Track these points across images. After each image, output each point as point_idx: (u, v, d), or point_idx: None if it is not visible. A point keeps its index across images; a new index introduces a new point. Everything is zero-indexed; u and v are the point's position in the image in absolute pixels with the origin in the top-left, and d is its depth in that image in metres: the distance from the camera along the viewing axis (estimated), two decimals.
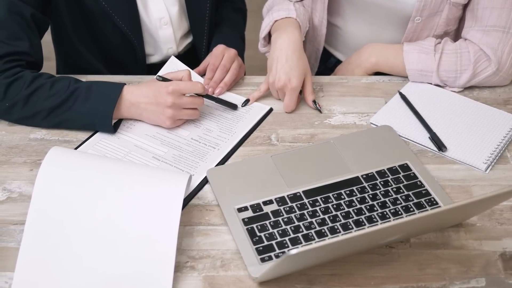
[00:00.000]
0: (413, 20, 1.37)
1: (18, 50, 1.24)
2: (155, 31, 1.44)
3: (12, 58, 1.23)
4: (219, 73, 1.33)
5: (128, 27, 1.38)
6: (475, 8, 1.33)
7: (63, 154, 1.03)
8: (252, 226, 1.04)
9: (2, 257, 1.00)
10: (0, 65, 1.21)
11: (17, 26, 1.24)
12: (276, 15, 1.39)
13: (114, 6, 1.34)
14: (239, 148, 1.21)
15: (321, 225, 1.04)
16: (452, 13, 1.37)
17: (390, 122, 1.26)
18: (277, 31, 1.36)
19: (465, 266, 1.00)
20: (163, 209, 0.98)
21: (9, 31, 1.23)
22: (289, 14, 1.38)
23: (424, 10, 1.35)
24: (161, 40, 1.45)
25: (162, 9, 1.42)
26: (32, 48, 1.26)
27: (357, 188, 1.11)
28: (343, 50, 1.58)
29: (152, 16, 1.41)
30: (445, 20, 1.37)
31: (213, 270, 0.99)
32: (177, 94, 1.19)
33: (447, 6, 1.35)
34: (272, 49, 1.33)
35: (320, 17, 1.48)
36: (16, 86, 1.20)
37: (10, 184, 1.13)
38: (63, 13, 1.37)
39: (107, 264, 0.95)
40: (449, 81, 1.34)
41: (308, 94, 1.31)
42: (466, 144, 1.22)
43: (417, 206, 1.08)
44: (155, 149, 1.20)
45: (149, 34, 1.44)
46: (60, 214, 0.97)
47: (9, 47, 1.23)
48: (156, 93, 1.20)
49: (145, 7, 1.40)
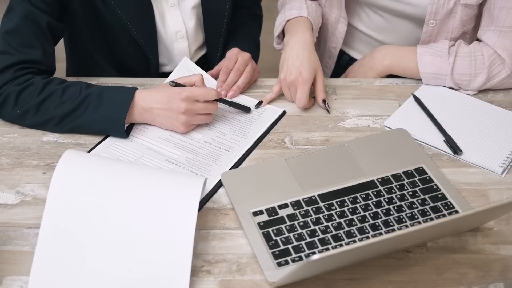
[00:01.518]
0: (427, 24, 1.36)
1: (31, 58, 1.23)
2: (170, 44, 1.43)
3: (24, 66, 1.22)
4: (232, 76, 1.32)
5: (144, 40, 1.37)
6: (491, 8, 1.32)
7: (78, 157, 1.03)
8: (268, 230, 1.03)
9: (17, 261, 1.00)
10: (11, 73, 1.21)
11: (31, 34, 1.23)
12: (288, 14, 1.41)
13: (132, 18, 1.33)
14: (253, 151, 1.21)
15: (337, 229, 1.04)
16: (466, 14, 1.36)
17: (404, 125, 1.25)
18: (289, 32, 1.38)
19: (483, 270, 1.00)
20: (179, 213, 0.97)
21: (22, 38, 1.23)
22: (301, 13, 1.39)
23: (437, 14, 1.34)
24: (176, 53, 1.44)
25: (179, 22, 1.40)
26: (45, 56, 1.25)
27: (372, 191, 1.10)
28: (359, 48, 1.58)
29: (168, 29, 1.40)
30: (459, 22, 1.36)
31: (229, 275, 0.98)
32: (191, 100, 1.19)
33: (459, 7, 1.34)
34: (284, 50, 1.34)
35: (337, 15, 1.48)
36: (27, 93, 1.20)
37: (24, 188, 1.12)
38: (80, 22, 1.36)
39: (123, 269, 0.95)
40: (463, 84, 1.33)
41: (319, 92, 1.30)
42: (482, 147, 1.21)
43: (434, 210, 1.07)
44: (168, 152, 1.19)
45: (164, 46, 1.43)
46: (75, 218, 0.97)
47: (21, 55, 1.22)
48: (170, 99, 1.19)
49: (162, 20, 1.39)
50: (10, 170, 1.15)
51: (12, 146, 1.20)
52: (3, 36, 1.23)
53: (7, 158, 1.18)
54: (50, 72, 1.29)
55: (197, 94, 1.19)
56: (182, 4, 1.40)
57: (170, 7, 1.38)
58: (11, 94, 1.20)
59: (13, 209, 1.08)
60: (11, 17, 1.24)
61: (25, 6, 1.23)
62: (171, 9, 1.39)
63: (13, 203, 1.09)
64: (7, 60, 1.21)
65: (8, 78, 1.20)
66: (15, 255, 1.01)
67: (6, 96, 1.20)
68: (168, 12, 1.39)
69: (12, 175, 1.14)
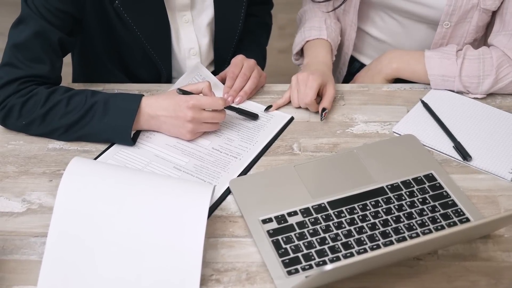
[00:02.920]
0: (441, 25, 1.36)
1: (38, 73, 1.21)
2: (183, 61, 1.41)
3: (29, 80, 1.21)
4: (239, 82, 1.31)
5: (159, 57, 1.36)
6: (504, 13, 1.32)
7: (85, 165, 1.02)
8: (277, 238, 1.02)
9: (24, 271, 0.99)
10: (15, 86, 1.19)
11: (41, 49, 1.21)
12: (307, 35, 1.44)
13: (148, 36, 1.31)
14: (261, 158, 1.20)
15: (347, 236, 1.03)
16: (482, 20, 1.36)
17: (413, 131, 1.24)
18: (308, 55, 1.42)
19: (494, 278, 0.99)
20: (189, 221, 0.96)
21: (31, 53, 1.21)
22: (321, 35, 1.43)
23: (453, 15, 1.34)
24: (188, 70, 1.42)
25: (193, 39, 1.39)
26: (52, 71, 1.23)
27: (382, 198, 1.09)
28: (370, 53, 1.57)
29: (182, 46, 1.39)
30: (474, 27, 1.36)
31: (239, 284, 0.97)
32: (197, 109, 1.18)
33: (476, 13, 1.34)
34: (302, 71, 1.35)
35: (350, 21, 1.48)
36: (31, 104, 1.18)
37: (30, 195, 1.11)
38: (94, 36, 1.34)
39: (132, 277, 0.94)
40: (471, 87, 1.32)
41: (325, 100, 1.29)
42: (491, 153, 1.20)
43: (444, 217, 1.06)
44: (176, 159, 1.18)
45: (177, 63, 1.42)
46: (83, 226, 0.96)
47: (28, 69, 1.20)
48: (176, 107, 1.18)
49: (177, 37, 1.38)
50: (16, 178, 1.15)
51: (17, 153, 1.19)
52: (10, 48, 1.21)
53: (12, 165, 1.17)
54: (55, 84, 1.26)
55: (204, 103, 1.18)
56: (197, 20, 1.39)
57: (184, 23, 1.37)
58: (15, 106, 1.18)
59: (20, 217, 1.07)
60: (22, 29, 1.21)
61: (38, 21, 1.20)
62: (185, 26, 1.38)
63: (19, 211, 1.08)
64: (14, 74, 1.20)
65: (12, 91, 1.19)
66: (22, 264, 1.00)
67: (10, 108, 1.19)
68: (182, 29, 1.38)
69: (18, 183, 1.14)
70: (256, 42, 1.53)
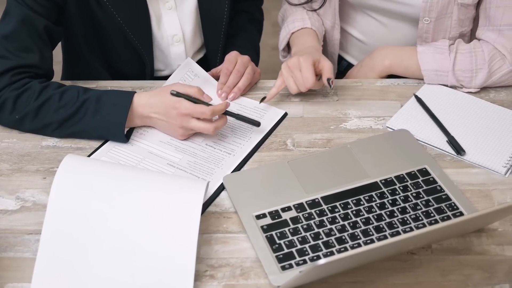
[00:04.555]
0: (422, 21, 1.36)
1: (28, 63, 1.22)
2: (166, 47, 1.41)
3: (21, 71, 1.21)
4: (233, 78, 1.31)
5: (140, 42, 1.36)
6: (487, 8, 1.32)
7: (78, 162, 1.02)
8: (271, 233, 1.02)
9: (18, 268, 0.99)
10: (8, 77, 1.20)
11: (28, 38, 1.22)
12: (292, 27, 1.42)
13: (127, 20, 1.31)
14: (255, 154, 1.20)
15: (341, 231, 1.03)
16: (463, 14, 1.36)
17: (407, 125, 1.24)
18: (295, 44, 1.40)
19: (488, 272, 0.99)
20: (182, 217, 0.96)
21: (20, 43, 1.21)
22: (304, 24, 1.41)
23: (431, 11, 1.34)
24: (172, 57, 1.43)
25: (176, 26, 1.39)
26: (42, 60, 1.24)
27: (376, 193, 1.09)
28: (354, 54, 1.57)
29: (164, 32, 1.39)
30: (457, 21, 1.36)
31: (233, 279, 0.97)
32: (187, 118, 1.17)
33: (456, 7, 1.34)
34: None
35: (331, 22, 1.48)
36: (24, 98, 1.18)
37: (24, 193, 1.11)
38: (75, 25, 1.34)
39: (125, 274, 0.94)
40: (465, 81, 1.32)
41: (325, 72, 1.27)
42: (485, 147, 1.20)
43: (438, 212, 1.07)
44: (169, 156, 1.18)
45: (160, 50, 1.42)
46: (76, 223, 0.96)
47: (19, 59, 1.21)
48: (168, 111, 1.18)
49: (159, 23, 1.37)
50: (10, 176, 1.14)
51: (11, 151, 1.19)
52: (0, 40, 1.22)
53: (6, 163, 1.17)
54: (48, 76, 1.27)
55: (191, 111, 1.17)
56: (180, 7, 1.39)
57: (167, 10, 1.37)
58: (8, 99, 1.19)
59: (13, 215, 1.07)
60: (8, 21, 1.22)
61: (22, 10, 1.21)
62: (169, 12, 1.38)
63: (13, 209, 1.08)
64: (4, 65, 1.20)
65: (5, 83, 1.19)
66: (16, 261, 1.00)
67: (4, 101, 1.19)
68: (165, 15, 1.38)
69: (12, 181, 1.13)
70: (249, 38, 1.52)
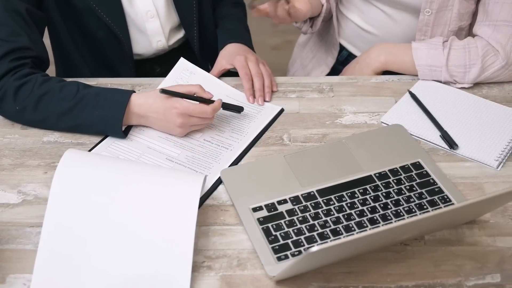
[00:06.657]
0: (423, 12, 1.39)
1: (20, 45, 1.25)
2: (142, 24, 1.43)
3: (17, 56, 1.24)
4: (258, 81, 1.33)
5: (113, 21, 1.38)
6: (486, 3, 1.34)
7: (79, 156, 1.04)
8: (268, 225, 1.05)
9: (20, 259, 1.01)
10: (6, 63, 1.23)
11: (15, 23, 1.26)
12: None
13: (98, 1, 1.35)
14: (252, 149, 1.22)
15: (335, 223, 1.05)
16: (464, 7, 1.38)
17: (401, 121, 1.27)
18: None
19: (480, 262, 1.01)
20: (180, 210, 0.98)
21: (8, 28, 1.25)
22: None
23: (433, 3, 1.37)
24: (149, 33, 1.45)
25: (148, 1, 1.41)
26: (32, 42, 1.27)
27: (370, 186, 1.11)
28: (357, 43, 1.59)
29: (137, 8, 1.41)
30: (457, 15, 1.38)
31: (230, 270, 1.00)
32: (186, 116, 1.19)
33: (457, 0, 1.36)
34: None
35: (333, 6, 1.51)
36: (26, 89, 1.21)
37: (25, 187, 1.13)
38: (53, 12, 1.38)
39: (124, 266, 0.96)
40: (458, 76, 1.34)
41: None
42: (477, 141, 1.22)
43: (431, 204, 1.09)
44: (168, 151, 1.20)
45: (136, 28, 1.43)
46: (77, 216, 0.98)
47: (10, 44, 1.24)
48: (166, 110, 1.19)
49: (130, 0, 1.39)
50: (12, 170, 1.17)
51: (13, 146, 1.22)
52: None
53: (8, 158, 1.19)
54: (43, 61, 1.30)
55: (192, 111, 1.19)
56: None
57: None
58: (9, 89, 1.21)
59: (15, 208, 1.09)
60: None
61: None
62: None
63: (15, 202, 1.10)
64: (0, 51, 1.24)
65: (5, 68, 1.22)
66: (18, 253, 1.02)
67: (5, 91, 1.22)
68: None
69: (14, 175, 1.16)
70: (237, 18, 1.57)
